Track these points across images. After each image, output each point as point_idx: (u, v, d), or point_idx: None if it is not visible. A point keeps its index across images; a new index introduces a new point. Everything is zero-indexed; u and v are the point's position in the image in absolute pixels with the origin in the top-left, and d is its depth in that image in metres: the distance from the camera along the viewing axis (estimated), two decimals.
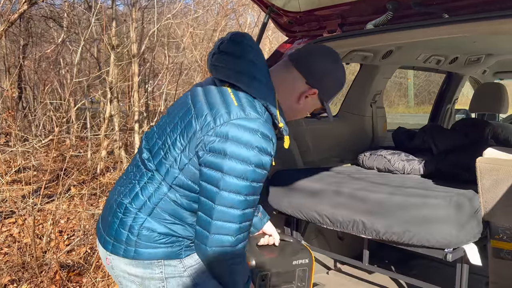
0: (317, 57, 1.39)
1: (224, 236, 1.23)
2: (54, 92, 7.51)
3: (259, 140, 1.19)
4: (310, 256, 1.73)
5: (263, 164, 1.20)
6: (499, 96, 3.23)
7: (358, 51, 2.43)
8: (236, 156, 1.18)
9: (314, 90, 1.35)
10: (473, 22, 1.49)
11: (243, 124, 1.20)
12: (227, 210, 1.21)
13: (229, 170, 1.19)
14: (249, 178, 1.19)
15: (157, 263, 1.32)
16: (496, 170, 1.62)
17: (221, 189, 1.20)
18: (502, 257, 1.79)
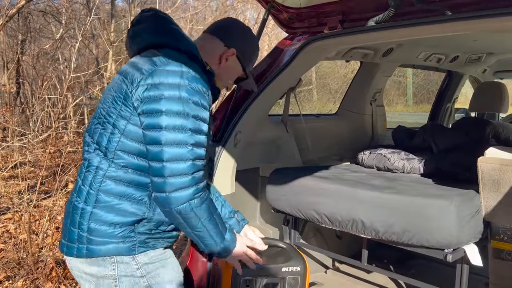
0: (232, 24, 1.57)
1: (179, 177, 1.22)
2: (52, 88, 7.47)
3: (185, 78, 1.24)
4: (303, 264, 1.68)
5: (201, 102, 1.25)
6: (499, 95, 3.21)
7: (358, 48, 2.40)
8: (172, 96, 1.22)
9: (232, 50, 1.46)
10: (476, 19, 1.47)
11: (168, 68, 1.25)
12: (175, 147, 1.22)
13: (166, 109, 1.21)
14: (187, 112, 1.22)
15: (110, 259, 1.30)
16: (498, 170, 1.60)
17: (164, 128, 1.21)
18: (502, 257, 1.77)
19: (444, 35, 1.79)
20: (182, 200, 1.23)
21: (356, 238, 1.94)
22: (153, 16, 1.40)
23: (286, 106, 2.44)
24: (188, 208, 1.24)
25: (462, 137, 2.33)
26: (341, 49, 2.28)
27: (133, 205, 1.29)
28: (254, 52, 1.56)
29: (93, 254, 1.29)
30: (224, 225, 1.37)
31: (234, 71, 1.53)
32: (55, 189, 3.89)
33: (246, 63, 1.53)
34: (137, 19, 1.41)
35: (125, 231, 1.29)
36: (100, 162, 1.30)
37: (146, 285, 1.34)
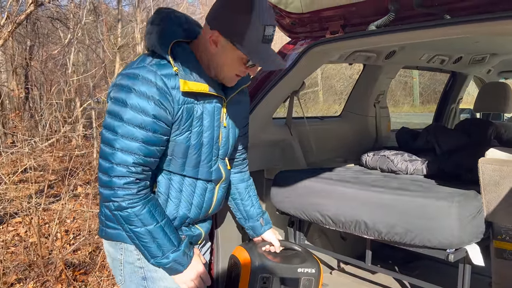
0: (217, 1, 1.33)
1: (101, 175, 1.28)
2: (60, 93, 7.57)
3: (138, 83, 1.25)
4: (317, 266, 1.73)
5: (140, 106, 1.23)
6: (504, 95, 3.22)
7: (361, 51, 2.43)
8: (116, 98, 1.27)
9: (214, 31, 1.27)
10: (475, 23, 1.49)
11: (127, 71, 1.29)
12: (103, 146, 1.28)
13: (109, 111, 1.28)
14: (124, 118, 1.24)
15: (120, 245, 1.42)
16: (498, 170, 1.62)
17: (103, 127, 1.29)
18: (504, 257, 1.78)
19: (443, 38, 1.82)
20: (103, 198, 1.30)
21: (360, 239, 1.97)
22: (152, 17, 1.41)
23: (289, 109, 2.47)
24: (111, 207, 1.29)
25: (465, 138, 2.35)
26: (344, 53, 2.31)
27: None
28: (246, 21, 1.23)
29: (108, 237, 1.44)
30: (171, 243, 1.33)
31: (231, 58, 1.31)
32: (63, 193, 3.96)
33: (237, 40, 1.25)
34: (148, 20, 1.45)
35: None
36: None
37: (143, 276, 1.42)
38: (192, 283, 1.40)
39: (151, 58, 1.32)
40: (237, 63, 1.32)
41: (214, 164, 1.47)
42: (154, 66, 1.28)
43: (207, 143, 1.41)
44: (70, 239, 3.98)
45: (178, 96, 1.29)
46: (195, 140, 1.38)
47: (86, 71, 8.97)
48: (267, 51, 1.29)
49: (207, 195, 1.49)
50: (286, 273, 1.74)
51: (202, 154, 1.42)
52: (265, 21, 1.25)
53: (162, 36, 1.33)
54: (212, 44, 1.30)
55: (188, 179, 1.43)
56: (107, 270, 3.33)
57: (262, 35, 1.25)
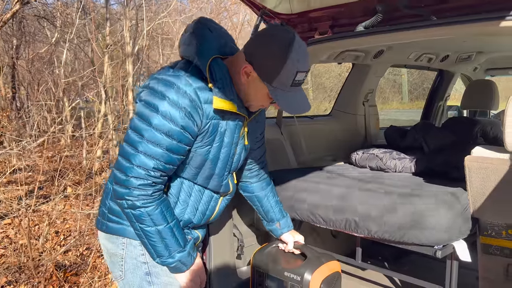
0: (260, 32, 1.37)
1: (119, 173, 1.30)
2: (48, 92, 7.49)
3: (172, 92, 1.26)
4: (306, 277, 1.77)
5: (171, 114, 1.25)
6: (490, 93, 3.28)
7: (349, 51, 2.46)
8: (147, 102, 1.28)
9: (248, 65, 1.30)
10: (460, 24, 1.53)
11: (164, 77, 1.29)
12: (126, 146, 1.30)
13: (138, 113, 1.29)
14: (153, 123, 1.25)
15: (122, 240, 1.43)
16: (484, 168, 1.66)
17: (130, 127, 1.31)
18: (491, 252, 1.83)
19: (429, 38, 1.85)
20: (117, 196, 1.32)
21: (350, 237, 2.00)
22: (191, 27, 1.41)
23: (280, 109, 2.49)
24: (124, 205, 1.31)
25: (452, 136, 2.40)
26: (332, 53, 2.33)
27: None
28: (281, 64, 1.25)
29: (109, 231, 1.44)
30: (178, 244, 1.37)
31: (259, 90, 1.34)
32: (53, 194, 3.93)
33: (267, 79, 1.28)
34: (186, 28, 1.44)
35: None
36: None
37: (146, 272, 1.43)
38: (190, 284, 1.44)
39: (187, 68, 1.33)
40: (264, 98, 1.37)
41: (225, 178, 1.52)
42: (191, 78, 1.30)
43: (223, 159, 1.45)
44: (61, 240, 3.96)
45: (208, 111, 1.32)
46: (214, 155, 1.41)
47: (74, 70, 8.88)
48: (294, 94, 1.32)
49: (212, 203, 1.54)
50: (274, 273, 1.85)
51: (217, 168, 1.46)
52: (299, 68, 1.27)
53: (202, 49, 1.35)
54: (244, 75, 1.34)
55: (198, 186, 1.48)
56: (98, 271, 3.32)
57: (293, 80, 1.28)
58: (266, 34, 1.32)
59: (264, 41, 1.30)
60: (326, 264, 1.86)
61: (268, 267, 1.89)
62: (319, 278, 1.80)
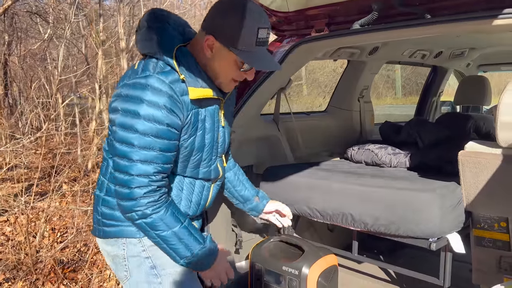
0: (213, 5, 1.36)
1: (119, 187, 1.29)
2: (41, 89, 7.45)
3: (148, 94, 1.24)
4: (303, 271, 1.81)
5: (153, 116, 1.23)
6: (482, 88, 3.33)
7: (345, 48, 2.49)
8: (126, 110, 1.25)
9: (209, 36, 1.30)
10: (454, 22, 1.56)
11: (135, 81, 1.27)
12: (118, 160, 1.27)
13: (120, 124, 1.26)
14: (139, 129, 1.23)
15: (121, 240, 1.43)
16: (476, 163, 1.70)
17: (115, 140, 1.28)
18: (483, 245, 1.88)
19: (424, 36, 1.89)
20: (125, 211, 1.31)
21: (347, 231, 2.04)
22: (146, 21, 1.39)
23: (277, 106, 2.52)
24: (134, 217, 1.30)
25: (445, 131, 2.44)
26: (328, 50, 2.36)
27: None
28: (240, 24, 1.25)
29: (108, 235, 1.44)
30: (197, 241, 1.37)
31: (228, 63, 1.33)
32: (50, 191, 3.93)
33: (231, 43, 1.27)
34: (138, 23, 1.42)
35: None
36: (110, 157, 1.41)
37: (151, 266, 1.43)
38: (218, 278, 1.47)
39: (153, 65, 1.31)
40: (233, 67, 1.35)
41: (213, 163, 1.51)
42: (161, 74, 1.28)
43: (209, 144, 1.44)
44: (57, 237, 3.97)
45: (187, 102, 1.31)
46: (199, 143, 1.40)
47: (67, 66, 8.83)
48: (261, 53, 1.32)
49: (204, 192, 1.53)
50: (272, 267, 1.88)
51: (204, 155, 1.45)
52: (259, 24, 1.28)
53: (164, 42, 1.33)
54: (208, 50, 1.32)
55: (188, 178, 1.47)
56: (97, 267, 3.34)
57: (256, 38, 1.28)
58: (219, 3, 1.33)
59: (218, 9, 1.31)
60: (323, 257, 1.90)
61: (266, 262, 1.92)
62: (317, 272, 1.84)
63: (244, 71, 1.37)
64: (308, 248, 1.93)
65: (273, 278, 1.92)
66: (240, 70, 1.36)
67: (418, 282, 2.02)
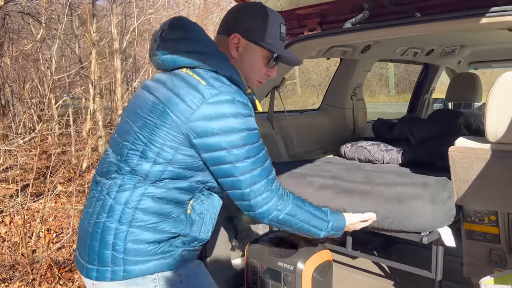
0: (229, 11, 1.40)
1: (261, 196, 1.27)
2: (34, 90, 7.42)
3: (239, 107, 1.22)
4: (298, 266, 1.85)
5: (252, 126, 1.25)
6: (473, 85, 3.38)
7: (337, 46, 2.52)
8: (226, 129, 1.21)
9: (234, 35, 1.30)
10: (442, 21, 1.60)
11: (219, 99, 1.21)
12: (249, 174, 1.26)
13: (228, 144, 1.22)
14: (249, 142, 1.24)
15: (151, 277, 1.24)
16: (466, 158, 1.74)
17: (233, 162, 1.24)
18: (474, 238, 1.92)
19: (414, 34, 1.92)
20: (267, 214, 1.30)
21: None
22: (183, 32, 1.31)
23: (271, 104, 2.55)
24: (281, 213, 1.32)
25: (437, 128, 2.48)
26: (321, 48, 2.40)
27: (170, 222, 1.26)
28: (265, 20, 1.29)
29: (132, 275, 1.23)
30: (321, 211, 1.45)
31: (253, 57, 1.33)
32: (45, 191, 3.94)
33: (261, 37, 1.30)
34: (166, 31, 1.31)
35: (164, 247, 1.26)
36: (139, 182, 1.24)
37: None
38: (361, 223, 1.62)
39: (218, 78, 1.26)
40: (260, 64, 1.35)
41: None
42: (233, 87, 1.26)
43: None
44: (53, 237, 3.98)
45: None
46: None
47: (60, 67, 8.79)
48: (284, 48, 1.36)
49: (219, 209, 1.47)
50: (268, 263, 1.93)
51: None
52: (280, 20, 1.34)
53: (218, 55, 1.29)
54: (234, 49, 1.32)
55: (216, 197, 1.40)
56: None
57: (279, 33, 1.33)
58: (237, 6, 1.37)
59: (239, 10, 1.35)
60: (318, 253, 1.94)
61: (261, 258, 1.96)
62: (312, 267, 1.87)
63: (267, 69, 1.37)
64: (303, 243, 1.96)
65: (269, 274, 1.96)
66: (266, 66, 1.36)
67: (411, 276, 2.06)
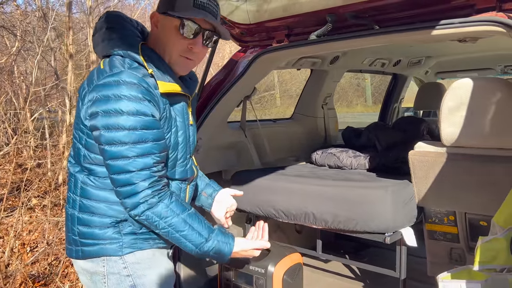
0: None
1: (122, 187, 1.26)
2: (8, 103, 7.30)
3: (124, 89, 1.21)
4: (269, 269, 1.90)
5: (136, 109, 1.22)
6: (439, 94, 3.52)
7: (306, 57, 2.62)
8: (106, 110, 1.22)
9: (153, 13, 1.34)
10: (398, 33, 1.71)
11: (106, 80, 1.24)
12: (113, 162, 1.24)
13: (104, 126, 1.22)
14: (126, 126, 1.21)
15: (101, 259, 1.36)
16: (424, 161, 1.84)
17: (104, 144, 1.24)
18: (436, 238, 2.02)
19: (374, 45, 2.04)
20: (132, 206, 1.28)
21: (313, 233, 2.15)
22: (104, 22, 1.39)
23: (243, 113, 2.62)
24: (142, 210, 1.28)
25: (401, 134, 2.60)
26: (290, 59, 2.49)
27: (111, 207, 1.34)
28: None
29: (86, 255, 1.37)
30: (206, 227, 1.35)
31: (168, 31, 1.32)
32: (19, 205, 3.88)
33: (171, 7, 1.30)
34: (95, 27, 1.42)
35: (111, 233, 1.35)
36: (77, 171, 1.37)
37: (131, 284, 1.38)
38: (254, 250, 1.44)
39: (120, 62, 1.29)
40: (174, 36, 1.32)
41: (188, 162, 1.49)
42: (132, 69, 1.26)
43: (182, 142, 1.43)
44: (27, 252, 3.91)
45: (159, 96, 1.30)
46: (174, 140, 1.39)
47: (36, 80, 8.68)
48: (200, 14, 1.31)
49: (181, 194, 1.50)
50: (240, 268, 1.97)
51: (179, 154, 1.42)
52: None
53: (127, 39, 1.33)
54: (154, 27, 1.36)
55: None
56: (69, 280, 3.32)
57: (193, 1, 1.29)
58: None
59: None
60: (288, 256, 2.00)
61: (234, 263, 1.99)
62: (282, 270, 1.93)
63: (188, 41, 1.33)
64: (274, 247, 2.02)
65: (242, 279, 2.00)
66: (182, 37, 1.32)
67: (380, 277, 2.14)
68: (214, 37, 1.39)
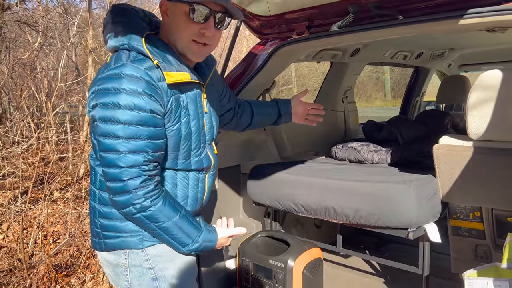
0: None
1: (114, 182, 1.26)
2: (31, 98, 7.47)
3: (124, 82, 1.21)
4: (289, 263, 1.89)
5: (134, 103, 1.21)
6: (462, 87, 3.44)
7: (327, 50, 2.58)
8: (104, 103, 1.22)
9: (162, 1, 1.33)
10: (422, 23, 1.66)
11: (108, 73, 1.24)
12: (105, 154, 1.25)
13: (101, 118, 1.23)
14: (121, 120, 1.21)
15: (123, 251, 1.38)
16: (450, 155, 1.79)
17: (99, 135, 1.24)
18: (460, 234, 1.96)
19: (397, 36, 1.98)
20: (121, 205, 1.29)
21: (333, 227, 2.12)
22: (110, 17, 1.39)
23: None
24: (133, 212, 1.28)
25: (424, 128, 2.54)
26: (310, 52, 2.45)
27: None
28: None
29: (109, 248, 1.39)
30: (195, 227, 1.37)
31: (178, 17, 1.30)
32: (43, 197, 3.97)
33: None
34: (103, 22, 1.43)
35: (132, 225, 1.36)
36: (97, 165, 1.39)
37: (153, 277, 1.40)
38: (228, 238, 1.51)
39: (125, 56, 1.29)
40: (184, 20, 1.30)
41: (203, 151, 1.47)
42: (135, 62, 1.25)
43: (195, 132, 1.41)
44: (50, 243, 4.00)
45: (165, 88, 1.28)
46: (185, 131, 1.37)
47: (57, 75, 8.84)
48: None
49: (200, 185, 1.49)
50: (260, 262, 1.97)
51: (192, 144, 1.41)
52: None
53: (131, 32, 1.32)
54: (164, 16, 1.34)
55: (181, 172, 1.43)
56: (90, 271, 3.38)
57: None
58: None
59: None
60: (308, 250, 1.98)
61: (253, 257, 2.00)
62: (302, 264, 1.92)
63: (199, 26, 1.30)
64: (294, 242, 2.00)
65: (261, 272, 2.00)
66: (192, 22, 1.30)
67: (401, 273, 2.11)
68: (227, 19, 1.35)
